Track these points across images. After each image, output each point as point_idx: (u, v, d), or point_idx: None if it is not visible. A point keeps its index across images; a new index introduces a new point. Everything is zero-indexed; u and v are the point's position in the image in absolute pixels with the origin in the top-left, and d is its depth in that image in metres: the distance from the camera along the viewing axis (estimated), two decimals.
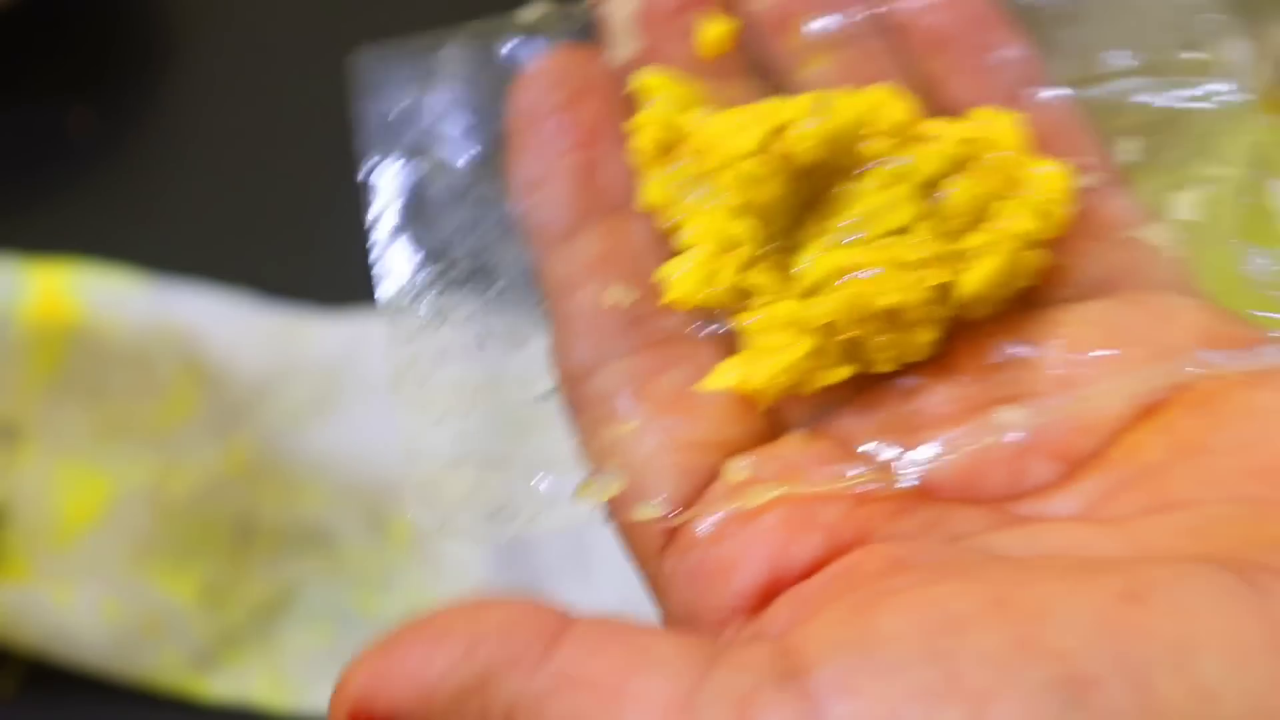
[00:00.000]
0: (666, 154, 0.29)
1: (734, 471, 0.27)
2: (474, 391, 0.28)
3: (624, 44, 0.30)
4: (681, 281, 0.28)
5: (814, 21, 0.30)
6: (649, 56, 0.30)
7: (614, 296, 0.28)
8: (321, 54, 0.59)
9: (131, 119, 0.57)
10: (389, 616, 0.50)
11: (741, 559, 0.26)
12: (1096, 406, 0.26)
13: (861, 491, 0.26)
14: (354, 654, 0.24)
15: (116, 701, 0.49)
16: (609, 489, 0.27)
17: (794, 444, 0.27)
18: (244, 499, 0.51)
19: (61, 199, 0.56)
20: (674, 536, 0.27)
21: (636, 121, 0.29)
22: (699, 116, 0.29)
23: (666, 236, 0.29)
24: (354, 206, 0.56)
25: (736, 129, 0.28)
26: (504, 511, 0.28)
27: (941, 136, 0.28)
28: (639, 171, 0.29)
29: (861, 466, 0.27)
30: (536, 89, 0.30)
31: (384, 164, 0.29)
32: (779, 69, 0.30)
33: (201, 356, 0.52)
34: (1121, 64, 0.29)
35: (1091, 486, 0.26)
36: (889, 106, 0.29)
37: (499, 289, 0.29)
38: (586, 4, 0.30)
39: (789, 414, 0.28)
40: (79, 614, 0.48)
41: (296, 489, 0.51)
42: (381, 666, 0.24)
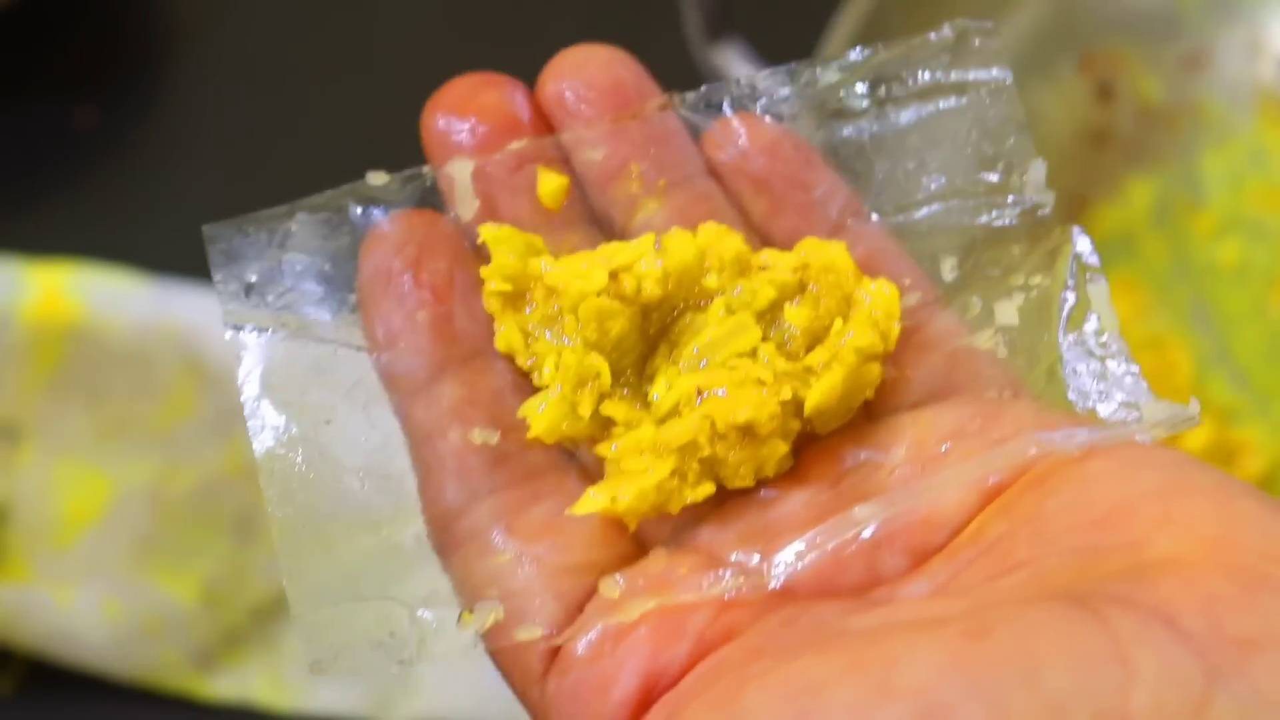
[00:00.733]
0: (517, 300, 0.30)
1: (607, 589, 0.28)
2: (352, 535, 0.29)
3: (466, 204, 0.31)
4: (543, 417, 0.29)
5: (643, 169, 0.32)
6: (490, 214, 0.31)
7: (478, 437, 0.30)
8: (322, 54, 0.59)
9: (133, 119, 0.57)
10: None
11: (617, 673, 0.27)
12: (942, 495, 0.28)
13: (727, 598, 0.28)
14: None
15: (116, 701, 0.49)
16: (489, 617, 0.28)
17: (661, 559, 0.29)
18: (244, 499, 0.51)
19: (62, 199, 0.56)
20: (554, 658, 0.28)
21: (485, 272, 0.30)
22: (545, 263, 0.30)
23: (525, 377, 0.30)
24: None
25: (583, 271, 0.30)
26: (390, 643, 0.29)
27: (775, 265, 0.30)
28: (493, 319, 0.31)
29: (726, 573, 0.28)
30: (385, 248, 0.31)
31: (247, 329, 0.31)
32: (615, 216, 0.32)
33: (201, 356, 0.52)
34: (936, 188, 0.32)
35: (940, 569, 0.27)
36: (723, 242, 0.30)
37: (379, 436, 0.30)
38: (425, 171, 0.31)
39: (654, 533, 0.30)
40: (79, 614, 0.48)
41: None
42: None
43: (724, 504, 0.29)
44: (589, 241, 0.31)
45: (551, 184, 0.32)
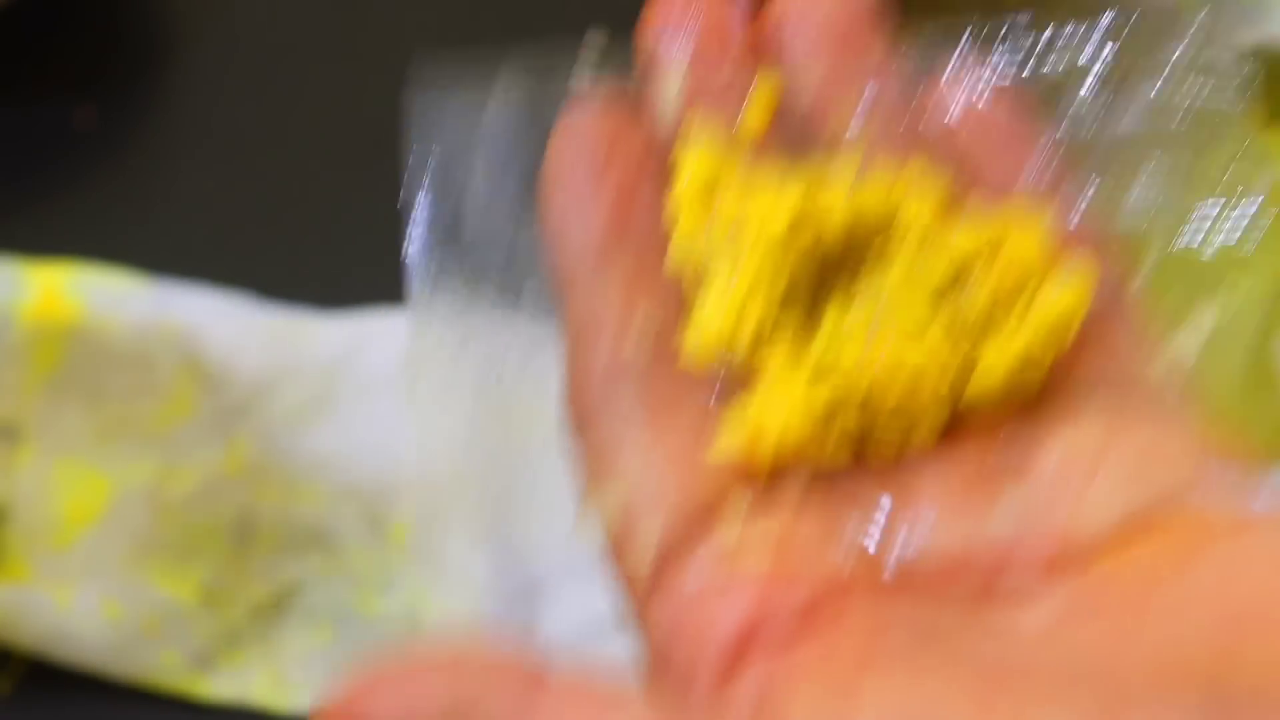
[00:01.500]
0: (701, 213, 0.30)
1: (726, 532, 0.27)
2: (488, 408, 0.29)
3: (670, 106, 0.31)
4: (699, 340, 0.29)
5: (856, 107, 0.31)
6: (693, 120, 0.31)
7: (630, 349, 0.29)
8: (324, 54, 0.59)
9: (133, 119, 0.57)
10: (389, 616, 0.50)
11: (719, 618, 0.26)
12: (1081, 522, 0.27)
13: (845, 571, 0.27)
14: (344, 670, 0.25)
15: (116, 701, 0.49)
16: (609, 514, 0.28)
17: (785, 515, 0.28)
18: (244, 499, 0.51)
19: (62, 199, 0.56)
20: (659, 583, 0.27)
21: (675, 177, 0.30)
22: (735, 186, 0.30)
23: (688, 300, 0.30)
24: (355, 207, 0.56)
25: (769, 206, 0.29)
26: (503, 521, 0.28)
27: (967, 235, 0.29)
28: (669, 233, 0.30)
29: (847, 546, 0.27)
30: (580, 134, 0.30)
31: (433, 165, 0.31)
32: (816, 149, 0.31)
33: (201, 356, 0.52)
34: (1145, 199, 0.31)
35: (1063, 605, 0.26)
36: (919, 200, 0.30)
37: (524, 296, 0.31)
38: (638, 63, 0.31)
39: (785, 485, 0.29)
40: (79, 614, 0.48)
41: (296, 489, 0.51)
42: (359, 700, 0.25)
43: (859, 471, 0.29)
44: (787, 166, 0.31)
45: (759, 107, 0.31)
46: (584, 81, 0.31)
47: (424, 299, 0.30)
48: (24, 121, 0.57)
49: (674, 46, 0.31)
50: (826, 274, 0.30)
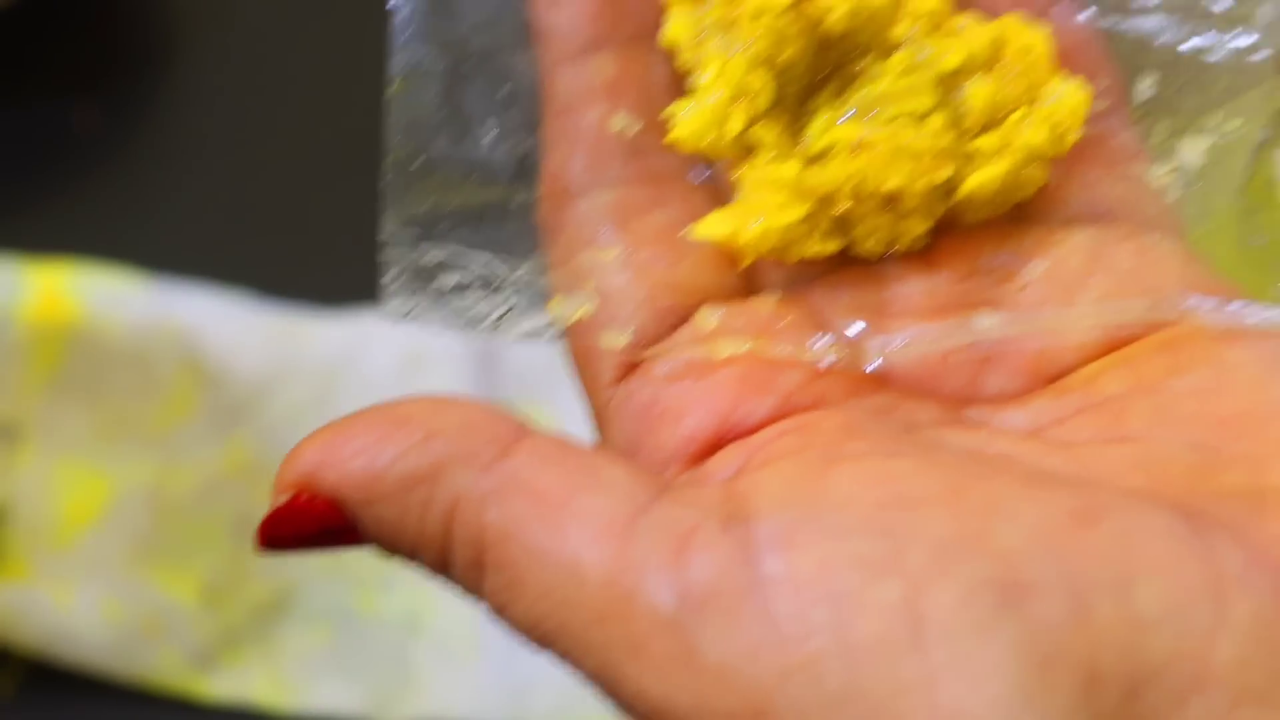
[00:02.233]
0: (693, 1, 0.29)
1: (704, 319, 0.27)
2: (472, 184, 0.29)
3: None
4: (689, 122, 0.28)
5: None
6: None
7: (618, 123, 0.28)
8: (324, 54, 0.59)
9: (132, 119, 0.57)
10: (389, 616, 0.50)
11: (694, 405, 0.26)
12: (1068, 328, 0.26)
13: (823, 365, 0.26)
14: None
15: (116, 701, 0.49)
16: (579, 309, 0.27)
17: (767, 306, 0.27)
18: (244, 499, 0.51)
19: (62, 199, 0.56)
20: (631, 370, 0.27)
21: None
22: None
23: (682, 77, 0.29)
24: (355, 207, 0.56)
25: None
26: (474, 306, 0.28)
27: (971, 33, 0.29)
28: (666, 7, 0.29)
29: (828, 338, 0.27)
30: None
31: None
32: None
33: (201, 356, 0.52)
34: (1154, 2, 0.30)
35: (1046, 407, 0.26)
36: None
37: (508, 92, 0.29)
38: None
39: (767, 277, 0.28)
40: (79, 614, 0.48)
41: None
42: (334, 445, 0.24)
43: (844, 268, 0.28)
44: None
45: None
46: None
47: (405, 67, 0.29)
48: (24, 121, 0.57)
49: None
50: (825, 64, 0.29)
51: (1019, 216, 0.28)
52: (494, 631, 0.49)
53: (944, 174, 0.27)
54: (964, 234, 0.28)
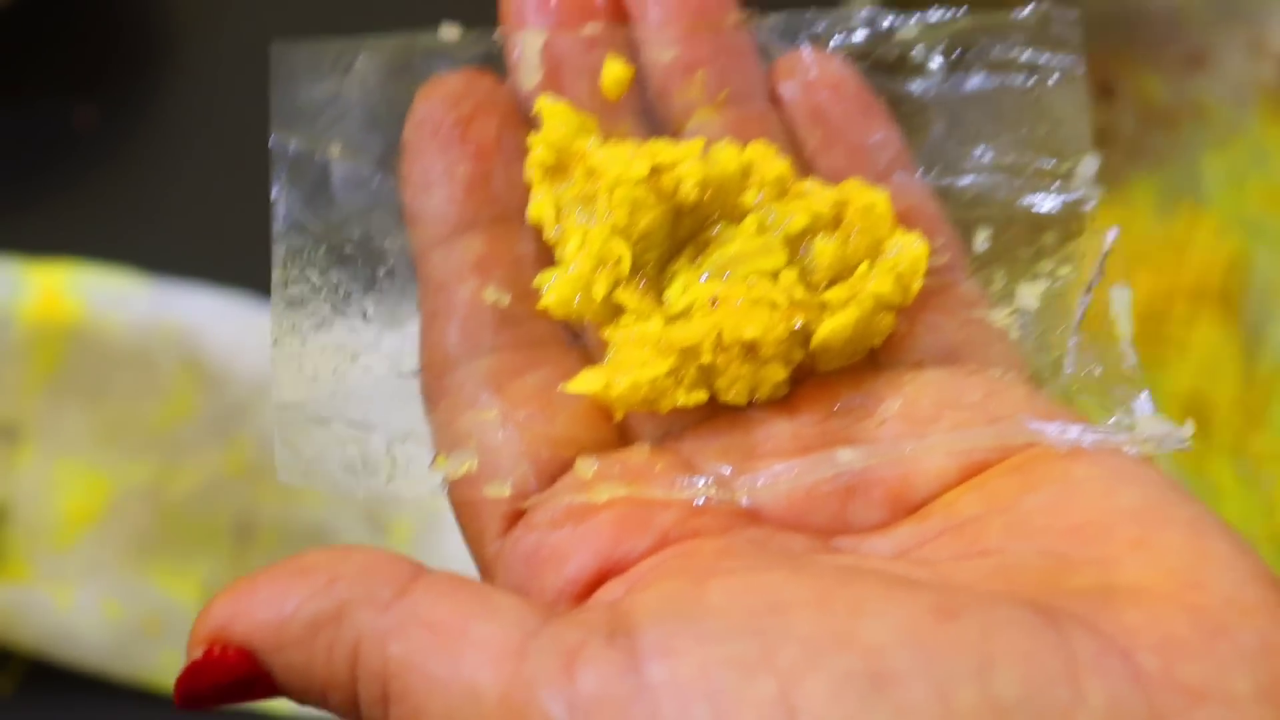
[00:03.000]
0: (558, 174, 0.31)
1: (582, 468, 0.28)
2: (348, 359, 0.30)
3: (529, 74, 0.32)
4: (556, 290, 0.30)
5: (708, 78, 0.32)
6: (551, 88, 0.32)
7: (490, 295, 0.30)
8: None
9: (133, 119, 0.57)
10: None
11: (576, 547, 0.27)
12: (924, 458, 0.28)
13: (698, 503, 0.28)
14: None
15: (116, 701, 0.49)
16: (462, 466, 0.29)
17: (641, 454, 0.29)
18: (244, 499, 0.51)
19: (62, 199, 0.56)
20: (514, 520, 0.28)
21: (532, 139, 0.31)
22: (592, 144, 0.31)
23: (549, 250, 0.31)
24: None
25: (626, 158, 0.30)
26: (361, 469, 0.29)
27: (815, 195, 0.31)
28: (530, 188, 0.31)
29: (701, 480, 0.28)
30: (440, 98, 0.31)
31: (292, 146, 0.31)
32: (670, 117, 0.32)
33: (201, 356, 0.52)
34: (987, 161, 0.32)
35: (908, 533, 0.27)
36: (769, 162, 0.31)
37: (385, 271, 0.31)
38: (497, 34, 0.32)
39: (638, 429, 0.30)
40: (79, 614, 0.48)
41: (296, 489, 0.51)
42: (243, 597, 0.26)
43: (712, 418, 0.30)
44: (641, 135, 0.32)
45: (616, 72, 0.32)
46: (440, 61, 0.32)
47: (287, 256, 0.31)
48: (24, 121, 0.57)
49: (536, 5, 0.32)
50: (681, 230, 0.30)
51: (872, 362, 0.30)
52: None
53: (796, 322, 0.29)
54: (821, 381, 0.30)
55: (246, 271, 0.54)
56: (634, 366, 0.29)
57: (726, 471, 0.28)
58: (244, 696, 0.26)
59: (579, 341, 0.30)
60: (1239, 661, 0.23)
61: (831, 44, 0.32)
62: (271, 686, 0.26)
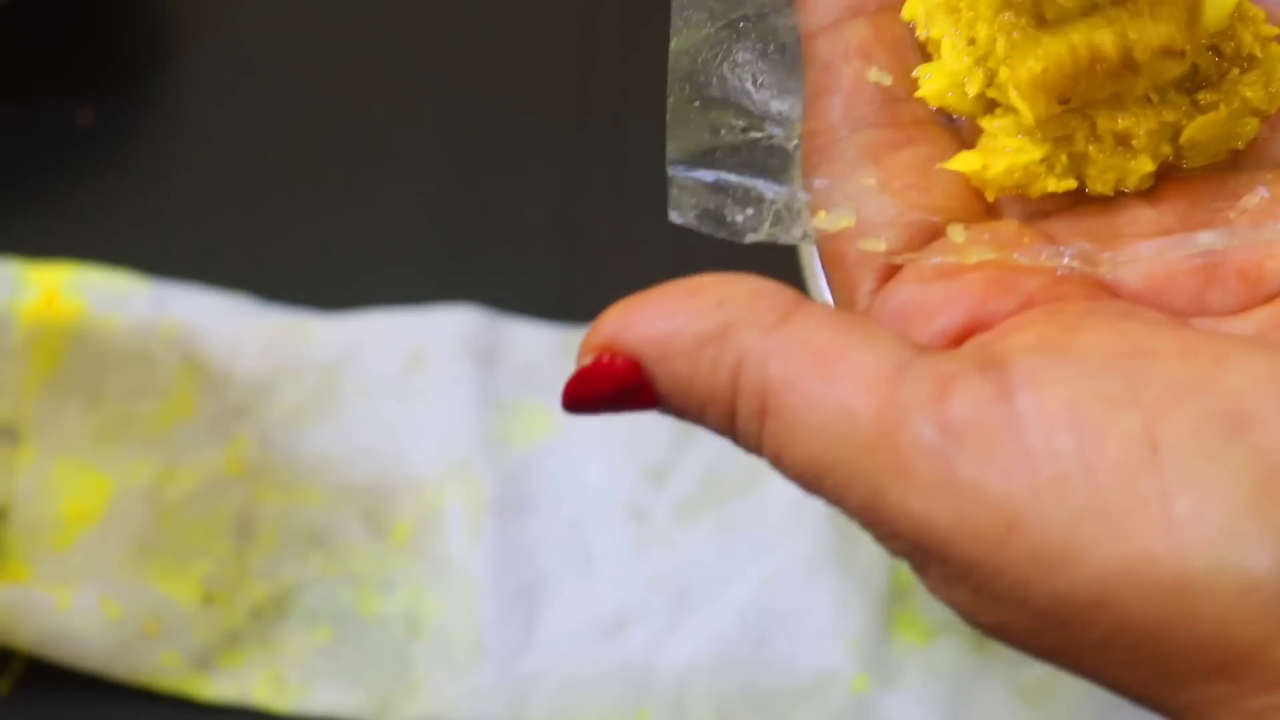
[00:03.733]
0: None
1: (954, 233, 0.29)
2: (737, 121, 0.31)
3: None
4: (934, 81, 0.31)
5: None
6: None
7: (874, 75, 0.31)
8: (323, 53, 0.59)
9: (133, 119, 0.57)
10: (389, 616, 0.50)
11: (945, 304, 0.28)
12: None
13: (1061, 272, 0.29)
14: None
15: (116, 701, 0.49)
16: (840, 221, 0.30)
17: (1010, 227, 0.30)
18: (244, 499, 0.51)
19: (62, 199, 0.56)
20: (887, 276, 0.29)
21: None
22: None
23: (923, 44, 0.31)
24: (355, 207, 0.56)
25: None
26: (746, 217, 0.30)
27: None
28: None
29: (1067, 251, 0.29)
30: None
31: None
32: None
33: (201, 356, 0.52)
34: None
35: (1265, 316, 0.28)
36: None
37: (776, 46, 0.32)
38: None
39: (1008, 210, 0.31)
40: (79, 614, 0.48)
41: (296, 489, 0.51)
42: (634, 311, 0.28)
43: (1078, 205, 0.30)
44: None
45: None
46: None
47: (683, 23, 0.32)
48: (25, 121, 0.57)
49: None
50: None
51: (1234, 164, 0.31)
52: (494, 631, 0.49)
53: (1169, 116, 0.30)
54: (1185, 177, 0.30)
55: (246, 271, 0.54)
56: (1009, 151, 0.30)
57: (1089, 248, 0.29)
58: (627, 404, 0.28)
59: (955, 127, 0.31)
60: None
61: None
62: (654, 397, 0.28)
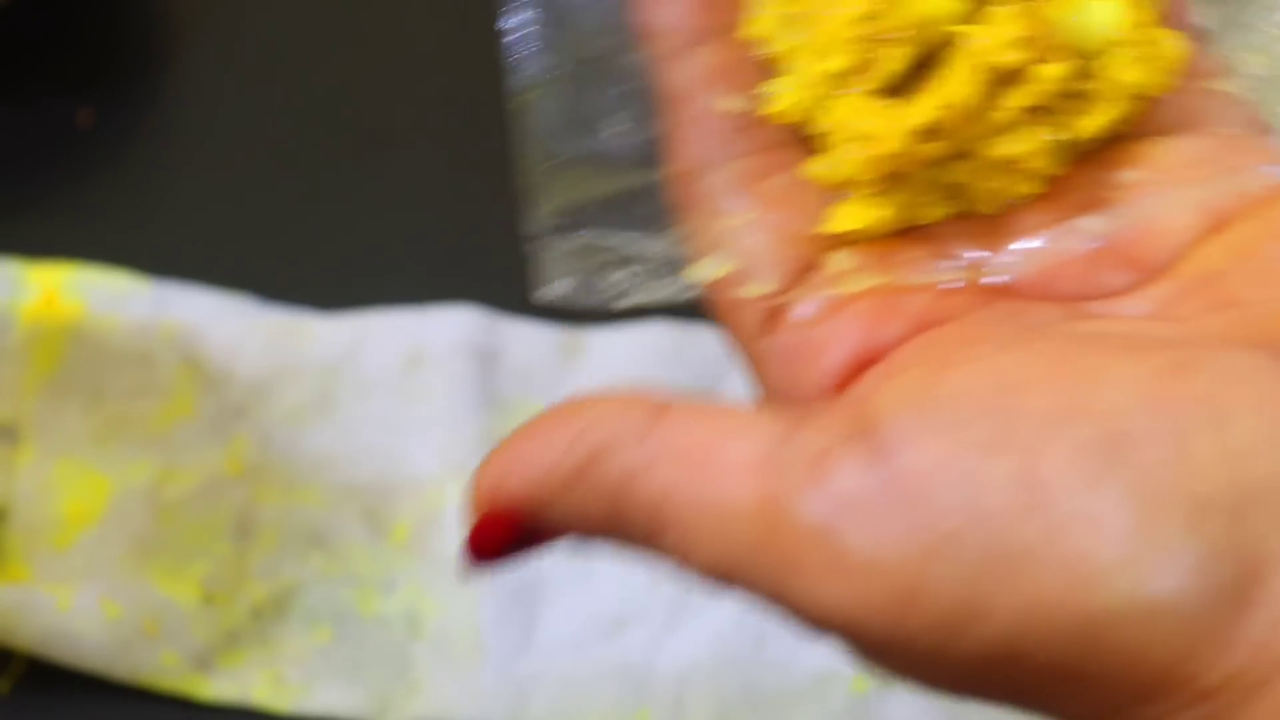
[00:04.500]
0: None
1: (835, 262, 0.29)
2: (597, 176, 0.31)
3: None
4: (785, 96, 0.30)
5: None
6: None
7: (728, 104, 0.30)
8: (324, 53, 0.59)
9: (133, 119, 0.57)
10: (389, 616, 0.50)
11: (832, 339, 0.28)
12: (1168, 216, 0.28)
13: (948, 286, 0.28)
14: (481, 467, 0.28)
15: (116, 701, 0.49)
16: (718, 269, 0.29)
17: (890, 243, 0.29)
18: (244, 499, 0.51)
19: (62, 199, 0.56)
20: (773, 317, 0.29)
21: None
22: None
23: (768, 62, 0.31)
24: (354, 207, 0.56)
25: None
26: (609, 281, 0.30)
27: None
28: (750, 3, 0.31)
29: (952, 263, 0.29)
30: None
31: None
32: None
33: (201, 356, 0.52)
34: None
35: (1158, 292, 0.28)
36: None
37: (624, 91, 0.32)
38: None
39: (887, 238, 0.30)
40: (79, 614, 0.48)
41: (296, 489, 0.51)
42: (507, 458, 0.28)
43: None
44: None
45: None
46: None
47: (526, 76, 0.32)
48: (24, 121, 0.57)
49: None
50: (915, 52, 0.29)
51: (1115, 137, 0.30)
52: (494, 631, 0.49)
53: (1057, 134, 0.29)
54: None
55: (246, 271, 0.54)
56: (885, 199, 0.29)
57: (975, 255, 0.29)
58: (528, 549, 0.28)
59: (811, 140, 0.31)
60: None
61: None
62: (554, 534, 0.28)
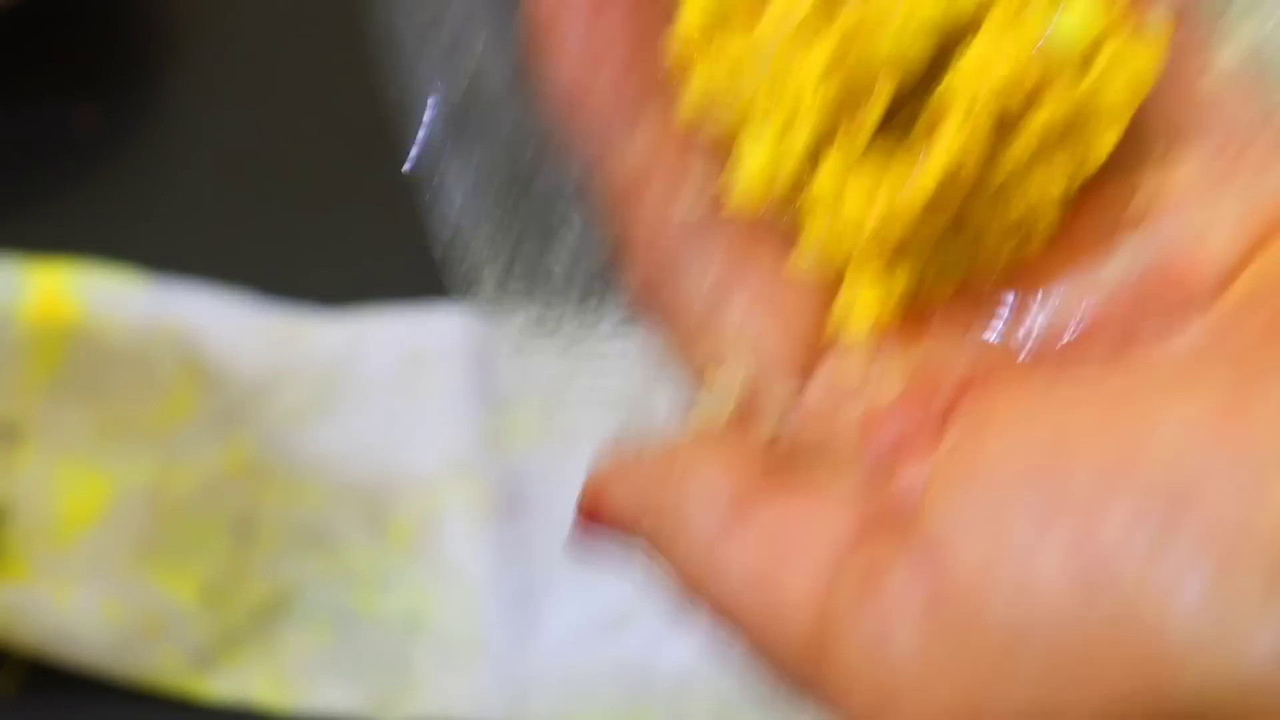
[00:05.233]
0: (713, 59, 0.27)
1: (843, 371, 0.26)
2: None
3: None
4: (746, 182, 0.26)
5: None
6: None
7: (685, 202, 0.27)
8: (323, 54, 0.59)
9: (132, 119, 0.57)
10: (389, 616, 0.50)
11: (866, 448, 0.26)
12: (1202, 236, 0.26)
13: (979, 367, 0.26)
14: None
15: (116, 701, 0.49)
16: (724, 410, 0.27)
17: (907, 318, 0.27)
18: (244, 499, 0.51)
19: (62, 199, 0.56)
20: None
21: (676, 21, 0.27)
22: (749, 14, 0.26)
23: (720, 146, 0.27)
24: (355, 207, 0.56)
25: (798, 44, 0.26)
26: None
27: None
28: (681, 69, 0.27)
29: (977, 343, 0.26)
30: None
31: (421, 75, 0.29)
32: None
33: (201, 356, 0.52)
34: None
35: (1207, 323, 0.25)
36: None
37: (559, 217, 0.29)
38: None
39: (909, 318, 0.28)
40: (79, 614, 0.48)
41: (296, 489, 0.51)
42: (607, 476, 0.27)
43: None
44: None
45: None
46: None
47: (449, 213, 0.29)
48: (24, 121, 0.57)
49: None
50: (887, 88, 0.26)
51: (1127, 160, 0.27)
52: (494, 631, 0.49)
53: (1067, 172, 0.26)
54: (1080, 198, 0.27)
55: (246, 271, 0.54)
56: (885, 289, 0.26)
57: (1003, 324, 0.26)
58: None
59: (779, 226, 0.27)
60: None
61: None
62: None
